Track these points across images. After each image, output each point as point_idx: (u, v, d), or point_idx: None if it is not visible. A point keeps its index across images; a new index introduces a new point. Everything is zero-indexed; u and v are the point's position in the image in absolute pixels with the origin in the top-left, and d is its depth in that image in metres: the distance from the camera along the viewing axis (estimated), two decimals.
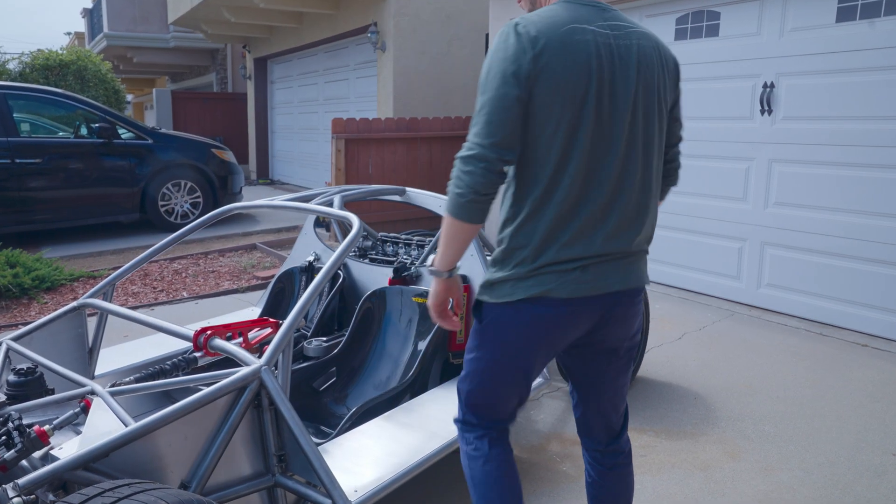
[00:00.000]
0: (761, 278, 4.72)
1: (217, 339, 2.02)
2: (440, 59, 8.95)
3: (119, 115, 7.59)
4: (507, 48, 1.42)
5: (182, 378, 1.88)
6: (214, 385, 1.79)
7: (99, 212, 7.28)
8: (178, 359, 2.02)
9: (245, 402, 1.85)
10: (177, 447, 1.70)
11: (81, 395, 1.89)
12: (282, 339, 1.92)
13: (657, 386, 3.45)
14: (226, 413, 1.83)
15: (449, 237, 1.50)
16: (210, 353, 2.03)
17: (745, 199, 4.76)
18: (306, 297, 2.02)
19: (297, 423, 1.85)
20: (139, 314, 2.20)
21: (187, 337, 2.05)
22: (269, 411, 1.89)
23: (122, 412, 1.75)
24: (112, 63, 13.92)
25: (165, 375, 2.00)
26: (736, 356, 3.86)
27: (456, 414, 1.82)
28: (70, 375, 2.00)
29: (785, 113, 4.47)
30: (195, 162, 7.86)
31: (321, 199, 2.84)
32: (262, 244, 6.93)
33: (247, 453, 1.88)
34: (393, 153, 7.60)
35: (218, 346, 1.99)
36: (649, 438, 2.89)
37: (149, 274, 5.88)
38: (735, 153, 4.78)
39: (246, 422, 1.87)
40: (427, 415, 2.43)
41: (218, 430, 1.81)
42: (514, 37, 1.42)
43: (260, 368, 1.86)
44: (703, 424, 3.03)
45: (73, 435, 2.10)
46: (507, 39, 1.43)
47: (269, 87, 13.55)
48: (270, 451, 1.90)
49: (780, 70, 4.46)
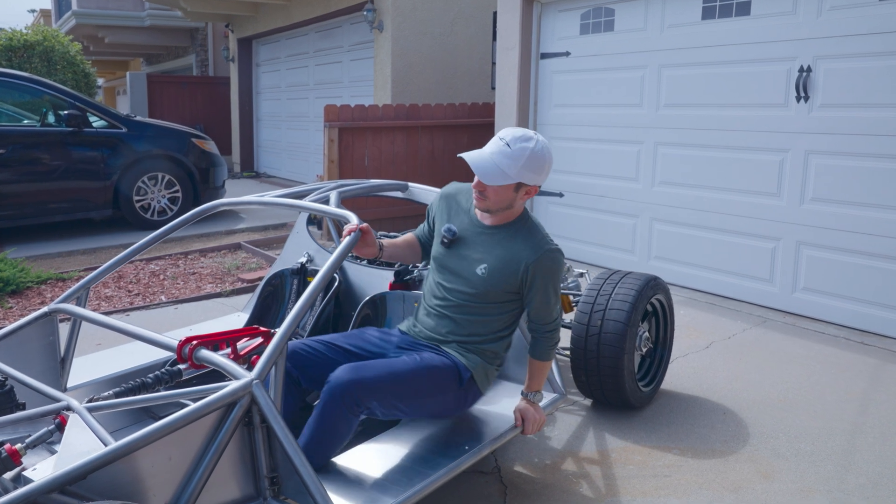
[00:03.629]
0: (797, 282, 4.72)
1: (203, 350, 2.04)
2: (443, 39, 8.95)
3: (90, 101, 7.61)
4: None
5: (166, 393, 1.90)
6: (201, 401, 1.80)
7: (68, 208, 7.30)
8: (160, 371, 2.04)
9: (235, 420, 1.86)
10: (160, 468, 1.72)
11: (56, 410, 1.90)
12: (274, 350, 1.94)
13: (682, 400, 3.46)
14: (213, 431, 1.84)
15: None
16: (196, 365, 2.05)
17: (779, 194, 4.77)
18: (301, 304, 2.03)
19: (290, 442, 1.87)
20: (117, 321, 2.21)
21: (171, 347, 2.06)
22: (261, 429, 1.90)
23: (100, 430, 1.77)
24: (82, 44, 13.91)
25: (147, 389, 2.01)
26: (769, 367, 3.87)
27: (364, 400, 2.17)
28: (43, 389, 2.01)
29: (823, 100, 4.47)
30: (174, 153, 7.87)
31: (316, 195, 2.85)
32: (248, 243, 6.95)
33: (236, 475, 1.89)
34: (391, 143, 7.62)
35: (205, 357, 2.01)
36: (674, 457, 2.91)
37: (123, 276, 5.90)
38: (768, 144, 4.79)
39: (235, 441, 1.88)
40: (431, 434, 2.45)
41: (205, 450, 1.83)
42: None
43: (251, 383, 1.87)
44: (734, 442, 3.04)
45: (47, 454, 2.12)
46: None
47: (254, 70, 13.56)
48: (262, 473, 1.92)
49: (817, 52, 4.47)
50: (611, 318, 3.11)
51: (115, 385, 2.68)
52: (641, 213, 5.69)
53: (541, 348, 2.46)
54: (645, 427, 3.17)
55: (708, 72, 5.12)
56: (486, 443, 2.38)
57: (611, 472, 2.79)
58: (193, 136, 8.21)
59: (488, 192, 2.25)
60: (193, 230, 7.56)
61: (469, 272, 2.37)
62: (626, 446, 3.00)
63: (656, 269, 5.49)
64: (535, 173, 2.23)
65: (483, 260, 2.35)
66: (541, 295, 2.35)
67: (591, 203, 6.12)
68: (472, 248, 2.39)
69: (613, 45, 5.79)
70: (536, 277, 2.32)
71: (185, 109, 15.05)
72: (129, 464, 1.65)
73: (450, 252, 2.41)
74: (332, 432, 2.16)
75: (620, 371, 3.08)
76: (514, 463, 2.85)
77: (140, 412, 2.79)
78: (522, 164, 2.19)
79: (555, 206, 6.47)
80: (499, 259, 2.33)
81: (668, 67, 5.39)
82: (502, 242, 2.34)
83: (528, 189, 2.29)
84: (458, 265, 2.39)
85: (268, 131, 13.26)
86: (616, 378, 3.10)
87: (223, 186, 8.48)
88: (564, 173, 6.34)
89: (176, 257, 6.57)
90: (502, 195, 2.26)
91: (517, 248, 2.32)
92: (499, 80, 6.74)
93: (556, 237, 6.46)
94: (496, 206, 2.30)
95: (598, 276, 3.38)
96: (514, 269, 2.32)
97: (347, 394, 2.13)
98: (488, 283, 2.34)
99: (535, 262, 2.30)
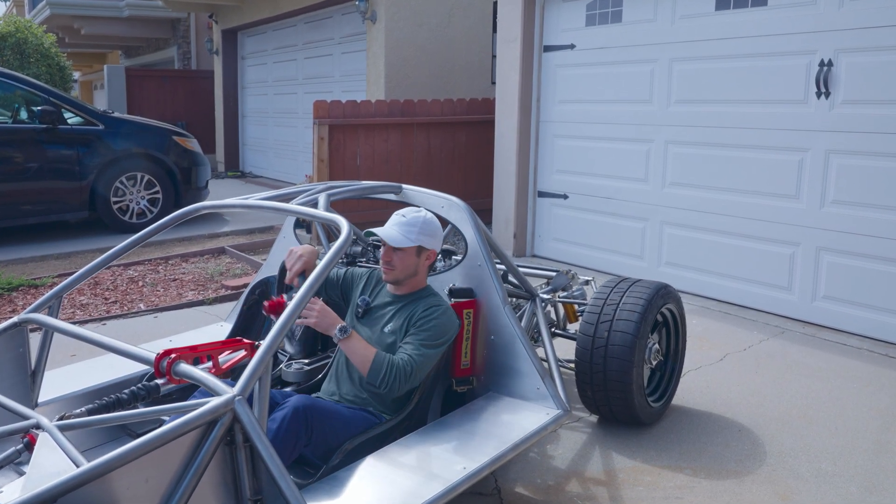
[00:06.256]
0: (816, 290, 4.72)
1: (183, 364, 2.02)
2: (440, 31, 8.93)
3: (65, 96, 7.60)
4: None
5: (142, 410, 1.89)
6: (180, 418, 1.79)
7: (41, 209, 7.28)
8: (137, 387, 2.02)
9: (216, 439, 1.85)
10: (136, 491, 1.70)
11: (25, 429, 1.89)
12: (258, 364, 1.93)
13: (695, 416, 3.45)
14: (193, 451, 1.83)
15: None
16: (174, 380, 2.04)
17: (798, 196, 4.76)
18: (286, 315, 2.02)
19: (275, 462, 1.85)
20: (91, 332, 2.20)
21: (148, 361, 2.05)
22: (244, 449, 1.89)
23: (72, 450, 1.75)
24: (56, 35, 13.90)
25: (122, 406, 2.00)
26: (787, 381, 3.86)
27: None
28: (10, 405, 2.00)
29: (845, 96, 4.47)
30: (154, 151, 7.86)
31: (304, 198, 2.85)
32: (232, 248, 6.94)
33: (217, 498, 1.88)
34: (385, 141, 7.61)
35: (184, 371, 1.99)
36: (686, 478, 2.90)
37: (100, 282, 5.88)
38: (786, 143, 4.78)
39: (217, 461, 1.87)
40: (427, 452, 2.43)
41: (184, 472, 1.82)
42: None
43: (233, 399, 1.86)
44: (750, 461, 3.03)
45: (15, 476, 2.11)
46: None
47: (239, 63, 13.54)
48: (245, 496, 1.91)
49: (839, 45, 4.46)
50: (618, 330, 3.10)
51: (89, 401, 2.65)
52: (651, 216, 5.69)
53: (383, 364, 2.53)
54: (655, 445, 3.16)
55: (722, 66, 5.11)
56: (484, 463, 2.36)
57: (618, 494, 2.78)
58: (175, 133, 8.20)
59: (394, 261, 2.69)
60: (175, 234, 7.53)
61: (378, 333, 2.74)
62: (634, 466, 2.99)
63: (667, 276, 5.48)
64: (430, 237, 2.73)
65: (390, 321, 2.74)
66: (418, 334, 2.63)
67: (597, 205, 6.11)
68: (381, 314, 2.78)
69: (621, 38, 5.79)
70: (421, 320, 2.65)
71: (167, 105, 15.02)
72: (102, 486, 1.63)
73: (362, 320, 2.82)
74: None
75: (629, 385, 3.07)
76: (516, 483, 2.84)
77: (116, 429, 2.77)
78: (419, 229, 2.70)
79: (558, 208, 6.46)
80: (401, 317, 2.71)
81: (679, 61, 5.39)
82: (407, 306, 2.74)
83: (428, 254, 2.75)
84: (369, 329, 2.77)
85: (254, 128, 13.24)
86: (624, 393, 3.09)
87: (206, 187, 8.47)
88: (569, 174, 6.33)
89: (156, 262, 6.56)
90: (407, 261, 2.70)
91: (418, 305, 2.72)
92: (499, 74, 6.74)
93: (559, 241, 6.47)
94: (403, 273, 2.72)
95: (604, 284, 3.37)
96: (410, 318, 2.69)
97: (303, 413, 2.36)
98: (391, 338, 2.68)
99: (428, 308, 2.68)
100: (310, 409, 2.36)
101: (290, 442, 2.30)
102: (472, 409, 2.78)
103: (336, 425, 2.46)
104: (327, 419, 2.43)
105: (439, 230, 2.81)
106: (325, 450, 2.41)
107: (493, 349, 2.93)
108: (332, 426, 2.44)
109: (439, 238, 2.80)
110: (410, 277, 2.75)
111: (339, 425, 2.47)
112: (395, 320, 2.73)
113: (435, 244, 2.77)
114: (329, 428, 2.42)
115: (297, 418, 2.32)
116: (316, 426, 2.37)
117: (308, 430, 2.35)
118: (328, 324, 2.51)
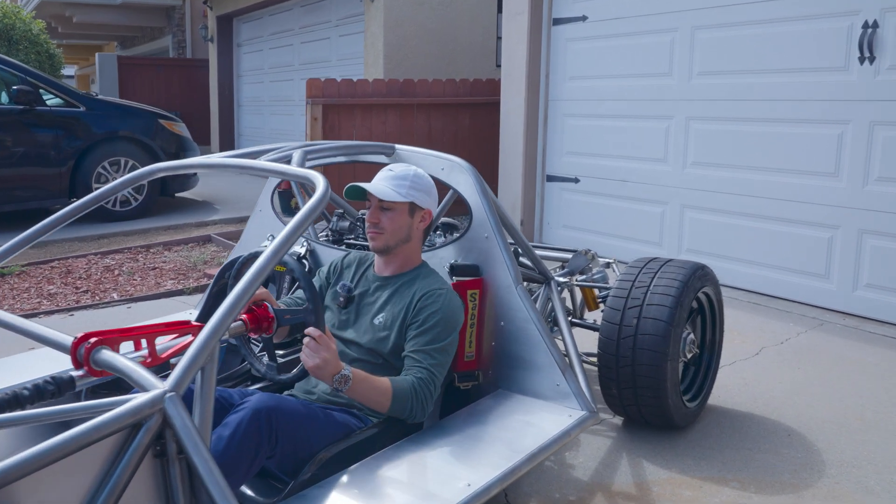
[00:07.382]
0: (858, 277, 4.30)
1: (105, 351, 1.58)
2: (442, 9, 8.66)
3: (43, 75, 7.23)
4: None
5: (42, 410, 1.44)
6: (89, 422, 1.35)
7: (19, 196, 6.97)
8: (43, 379, 1.57)
9: (139, 448, 1.42)
10: None
11: None
12: (200, 350, 1.49)
13: (734, 418, 3.00)
14: (109, 465, 1.41)
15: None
16: (95, 371, 1.59)
17: (838, 174, 4.35)
18: (240, 289, 1.58)
19: (215, 480, 1.41)
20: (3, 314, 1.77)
21: (64, 346, 1.63)
22: (178, 462, 1.45)
23: None
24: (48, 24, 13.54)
25: (20, 405, 1.54)
26: (834, 378, 3.42)
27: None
28: None
29: (893, 61, 4.07)
30: (138, 135, 7.52)
31: (276, 154, 2.40)
32: (219, 235, 6.52)
33: None
34: (383, 123, 7.20)
35: (104, 360, 1.55)
36: (733, 492, 2.44)
37: (72, 271, 5.45)
38: (824, 114, 4.38)
39: (142, 478, 1.44)
40: (422, 464, 1.98)
41: (96, 491, 1.39)
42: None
43: (162, 396, 1.41)
44: (806, 472, 2.58)
45: None
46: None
47: (234, 50, 13.39)
48: None
49: (885, 4, 4.07)
50: (650, 317, 2.64)
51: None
52: (671, 199, 5.26)
53: (406, 396, 2.08)
54: (692, 452, 2.71)
55: (750, 32, 4.69)
56: (493, 479, 1.90)
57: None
58: (161, 116, 7.86)
59: (383, 222, 2.28)
60: (161, 222, 7.20)
61: (366, 325, 2.32)
62: (670, 477, 2.54)
63: None
64: (423, 193, 2.32)
65: (381, 310, 2.31)
66: (424, 335, 2.20)
67: (611, 189, 5.69)
68: (369, 301, 2.36)
69: (638, 6, 5.37)
70: (422, 312, 2.23)
71: (161, 95, 14.75)
72: None
73: (346, 310, 2.38)
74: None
75: (662, 382, 2.61)
76: (530, 499, 2.39)
77: (12, 438, 2.29)
78: (410, 183, 2.30)
79: (569, 192, 6.03)
80: (396, 306, 2.29)
81: (702, 29, 4.96)
82: (400, 290, 2.32)
83: (423, 215, 2.34)
84: (356, 320, 2.36)
85: (249, 118, 13.07)
86: (657, 391, 2.63)
87: (195, 174, 8.06)
88: (580, 155, 5.92)
89: (136, 251, 6.14)
90: (398, 222, 2.29)
91: (414, 291, 2.29)
92: (505, 50, 6.34)
93: (569, 228, 6.05)
94: (394, 237, 2.29)
95: (631, 265, 2.91)
96: (407, 308, 2.26)
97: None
98: (384, 333, 2.26)
99: (425, 295, 2.25)
100: (274, 412, 1.87)
101: (247, 453, 1.81)
102: (478, 410, 2.32)
103: (308, 431, 1.97)
104: (297, 423, 1.94)
105: (433, 188, 2.41)
106: (294, 461, 1.93)
107: (503, 338, 2.47)
108: (304, 432, 1.95)
109: (434, 197, 2.39)
110: (403, 244, 2.32)
111: (311, 431, 1.98)
112: (387, 311, 2.28)
113: (430, 203, 2.37)
114: (299, 434, 1.93)
115: (258, 422, 1.83)
116: (282, 432, 1.88)
117: (272, 438, 1.86)
118: (328, 374, 1.93)
